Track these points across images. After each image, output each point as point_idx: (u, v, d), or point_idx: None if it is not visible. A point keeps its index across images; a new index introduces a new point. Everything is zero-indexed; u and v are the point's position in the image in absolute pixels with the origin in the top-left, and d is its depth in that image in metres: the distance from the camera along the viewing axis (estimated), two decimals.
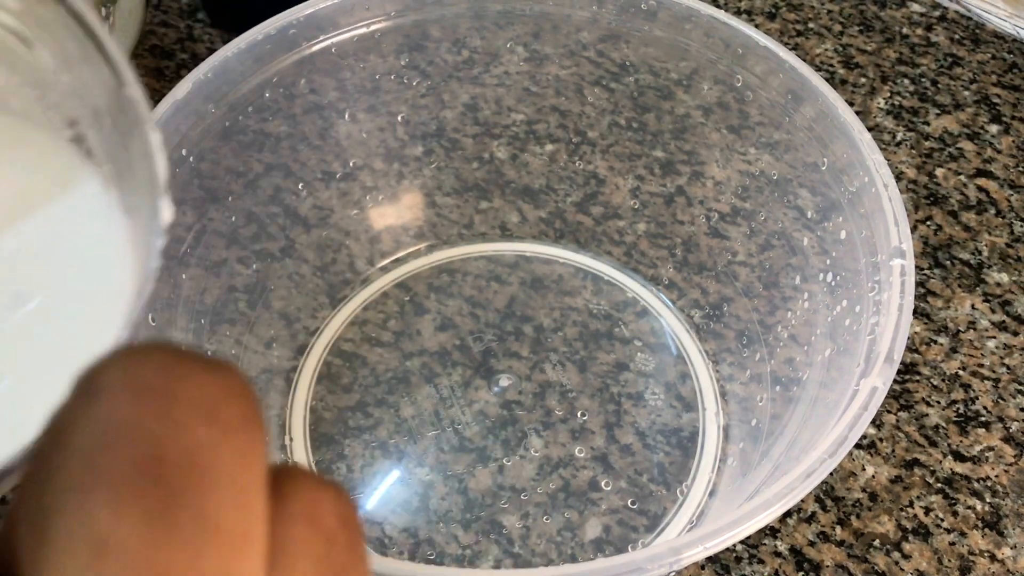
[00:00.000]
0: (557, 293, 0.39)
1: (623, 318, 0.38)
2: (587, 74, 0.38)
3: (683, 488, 0.33)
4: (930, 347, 0.38)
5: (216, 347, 0.33)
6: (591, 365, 0.37)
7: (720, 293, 0.37)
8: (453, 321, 0.38)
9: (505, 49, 0.38)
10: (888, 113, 0.47)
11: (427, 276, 0.40)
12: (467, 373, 0.36)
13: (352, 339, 0.38)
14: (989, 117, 0.47)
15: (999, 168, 0.45)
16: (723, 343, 0.37)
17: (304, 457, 0.34)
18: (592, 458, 0.34)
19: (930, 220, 0.42)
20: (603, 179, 0.40)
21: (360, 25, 0.35)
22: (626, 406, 0.35)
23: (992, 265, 0.41)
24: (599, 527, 0.32)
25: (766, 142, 0.35)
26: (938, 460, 0.35)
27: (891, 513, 0.33)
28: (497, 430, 0.35)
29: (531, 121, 0.40)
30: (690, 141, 0.38)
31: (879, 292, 0.27)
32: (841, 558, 0.32)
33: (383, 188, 0.40)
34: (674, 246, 0.39)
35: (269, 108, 0.34)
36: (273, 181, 0.36)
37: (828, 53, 0.50)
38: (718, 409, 0.35)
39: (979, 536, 0.33)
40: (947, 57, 0.50)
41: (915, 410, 0.36)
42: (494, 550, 0.32)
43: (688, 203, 0.38)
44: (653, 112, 0.38)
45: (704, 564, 0.32)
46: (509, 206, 0.41)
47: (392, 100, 0.38)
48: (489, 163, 0.40)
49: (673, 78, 0.36)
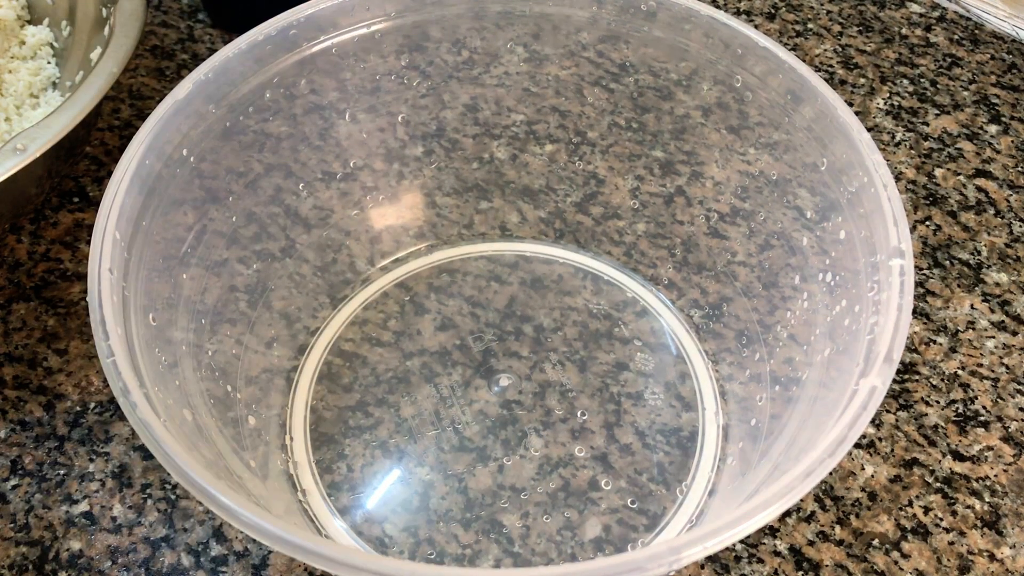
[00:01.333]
0: (557, 293, 0.39)
1: (623, 318, 0.38)
2: (587, 74, 0.38)
3: (683, 488, 0.33)
4: (929, 347, 0.38)
5: (216, 347, 0.33)
6: (591, 365, 0.37)
7: (720, 293, 0.37)
8: (453, 321, 0.38)
9: (505, 49, 0.38)
10: (887, 113, 0.47)
11: (427, 276, 0.40)
12: (467, 373, 0.36)
13: (352, 339, 0.38)
14: (988, 117, 0.47)
15: (998, 168, 0.45)
16: (723, 343, 0.37)
17: (304, 457, 0.34)
18: (592, 458, 0.34)
19: (929, 220, 0.42)
20: (603, 179, 0.40)
21: (360, 25, 0.35)
22: (626, 406, 0.36)
23: (991, 265, 0.41)
24: (599, 526, 0.32)
25: (765, 142, 0.35)
26: (937, 460, 0.35)
27: (890, 513, 0.33)
28: (497, 430, 0.35)
29: (531, 121, 0.40)
30: (690, 141, 0.38)
31: (878, 292, 0.27)
32: (840, 557, 0.32)
33: (383, 188, 0.40)
34: (674, 246, 0.39)
35: (269, 108, 0.34)
36: (273, 181, 0.36)
37: (827, 53, 0.50)
38: (717, 409, 0.35)
39: (978, 535, 0.33)
40: (946, 57, 0.50)
41: (914, 410, 0.36)
42: (494, 550, 0.32)
43: (688, 203, 0.39)
44: (653, 112, 0.38)
45: (704, 563, 0.32)
46: (509, 206, 0.41)
47: (392, 100, 0.38)
48: (489, 163, 0.40)
49: (673, 78, 0.37)
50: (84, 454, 0.34)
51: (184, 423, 0.27)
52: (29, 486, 0.33)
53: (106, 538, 0.32)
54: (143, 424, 0.24)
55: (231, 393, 0.33)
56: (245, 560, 0.32)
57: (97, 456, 0.34)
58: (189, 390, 0.29)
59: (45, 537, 0.32)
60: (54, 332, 0.38)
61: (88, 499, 0.33)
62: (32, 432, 0.35)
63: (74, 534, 0.32)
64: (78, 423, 0.35)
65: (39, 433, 0.35)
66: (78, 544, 0.32)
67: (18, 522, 0.33)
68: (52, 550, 0.32)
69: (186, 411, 0.28)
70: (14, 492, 0.33)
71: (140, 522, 0.33)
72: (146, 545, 0.32)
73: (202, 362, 0.31)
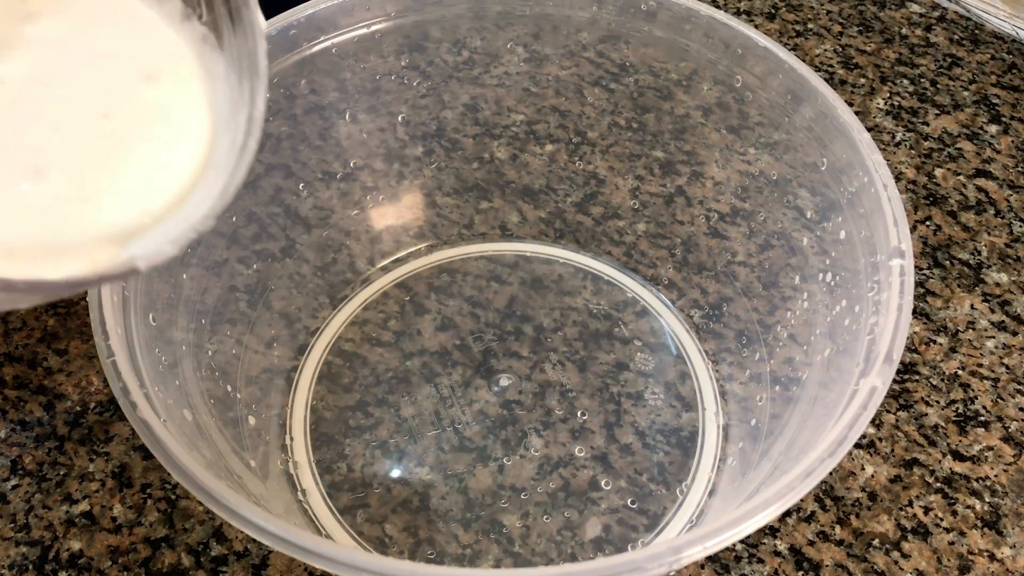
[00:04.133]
0: (557, 293, 0.39)
1: (623, 318, 0.38)
2: (587, 74, 0.38)
3: (683, 488, 0.33)
4: (929, 347, 0.38)
5: (216, 347, 0.33)
6: (591, 365, 0.37)
7: (720, 293, 0.37)
8: (453, 321, 0.38)
9: (505, 49, 0.38)
10: (887, 113, 0.47)
11: (427, 276, 0.40)
12: (467, 373, 0.36)
13: (352, 339, 0.38)
14: (988, 117, 0.47)
15: (998, 168, 0.45)
16: (723, 343, 0.37)
17: (304, 457, 0.34)
18: (592, 458, 0.34)
19: (929, 220, 0.42)
20: (603, 179, 0.40)
21: (360, 26, 0.35)
22: (626, 406, 0.36)
23: (991, 265, 0.41)
24: (599, 527, 0.32)
25: (766, 142, 0.35)
26: (937, 460, 0.35)
27: (890, 513, 0.33)
28: (497, 430, 0.35)
29: (531, 121, 0.40)
30: (690, 141, 0.38)
31: (878, 292, 0.27)
32: (840, 557, 0.32)
33: (383, 188, 0.40)
34: (674, 246, 0.39)
35: (270, 108, 0.34)
36: (274, 181, 0.36)
37: (827, 54, 0.50)
38: (718, 409, 0.35)
39: (978, 535, 0.33)
40: (946, 57, 0.50)
41: (914, 410, 0.36)
42: (494, 549, 0.32)
43: (688, 203, 0.39)
44: (653, 112, 0.38)
45: (704, 563, 0.32)
46: (509, 206, 0.41)
47: (392, 100, 0.38)
48: (489, 163, 0.40)
49: (673, 78, 0.37)
50: (84, 454, 0.34)
51: (184, 423, 0.27)
52: (29, 486, 0.33)
53: (106, 538, 0.32)
54: (143, 424, 0.24)
55: (231, 393, 0.33)
56: (245, 560, 0.32)
57: (97, 456, 0.34)
58: (189, 390, 0.29)
59: (45, 537, 0.32)
60: (54, 332, 0.38)
61: (88, 499, 0.33)
62: (32, 432, 0.35)
63: (74, 534, 0.32)
64: (78, 423, 0.35)
65: (39, 433, 0.35)
66: (78, 544, 0.32)
67: (18, 522, 0.33)
68: (52, 550, 0.32)
69: (186, 411, 0.28)
70: (14, 492, 0.33)
71: (140, 522, 0.33)
72: (146, 545, 0.32)
73: (202, 362, 0.31)
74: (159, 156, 0.22)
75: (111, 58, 0.22)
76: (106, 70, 0.22)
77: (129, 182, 0.21)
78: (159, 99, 0.22)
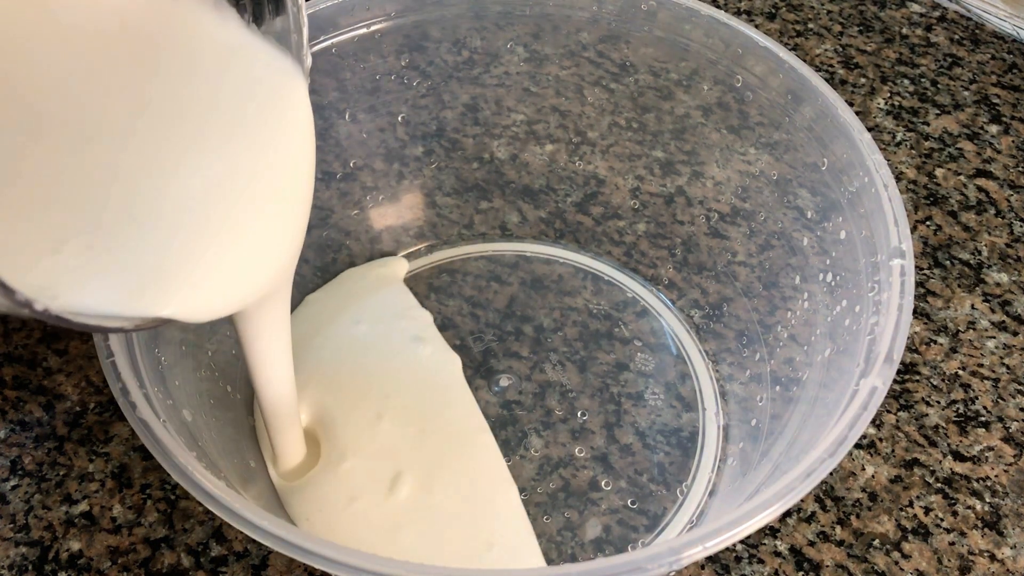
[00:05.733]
0: (557, 293, 0.39)
1: (623, 318, 0.38)
2: (587, 74, 0.38)
3: (683, 488, 0.33)
4: (930, 347, 0.38)
5: (216, 347, 0.33)
6: (591, 365, 0.37)
7: (720, 293, 0.37)
8: (453, 321, 0.38)
9: (505, 49, 0.38)
10: (888, 113, 0.47)
11: (427, 276, 0.40)
12: (467, 373, 0.36)
13: None
14: (989, 117, 0.47)
15: (999, 168, 0.45)
16: (723, 343, 0.37)
17: None
18: (592, 458, 0.34)
19: (930, 220, 0.42)
20: (603, 179, 0.40)
21: (360, 25, 0.35)
22: (626, 406, 0.35)
23: (992, 265, 0.41)
24: (599, 527, 0.32)
25: (766, 142, 0.35)
26: (938, 460, 0.35)
27: (891, 513, 0.33)
28: (497, 430, 0.35)
29: (531, 121, 0.40)
30: (690, 141, 0.38)
31: (879, 292, 0.27)
32: (841, 558, 0.32)
33: (383, 188, 0.40)
34: (674, 246, 0.39)
35: None
36: None
37: (828, 53, 0.50)
38: (718, 409, 0.35)
39: (979, 536, 0.33)
40: (947, 57, 0.50)
41: (915, 410, 0.36)
42: None
43: (688, 203, 0.38)
44: (653, 112, 0.38)
45: (704, 564, 0.32)
46: (509, 206, 0.41)
47: (392, 100, 0.38)
48: (489, 163, 0.40)
49: (673, 78, 0.37)
50: (84, 454, 0.34)
51: (184, 423, 0.27)
52: (29, 486, 0.33)
53: (106, 538, 0.32)
54: (143, 424, 0.24)
55: (231, 393, 0.33)
56: (245, 560, 0.32)
57: (97, 456, 0.34)
58: (189, 390, 0.29)
59: (45, 537, 0.32)
60: (54, 332, 0.38)
61: (88, 499, 0.33)
62: (32, 432, 0.35)
63: (74, 534, 0.32)
64: (78, 423, 0.35)
65: (39, 433, 0.35)
66: (78, 544, 0.32)
67: (18, 522, 0.33)
68: (52, 550, 0.32)
69: (186, 411, 0.28)
70: (14, 492, 0.33)
71: (140, 522, 0.33)
72: (146, 545, 0.32)
73: (201, 362, 0.31)
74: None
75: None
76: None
77: (220, 273, 0.22)
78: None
